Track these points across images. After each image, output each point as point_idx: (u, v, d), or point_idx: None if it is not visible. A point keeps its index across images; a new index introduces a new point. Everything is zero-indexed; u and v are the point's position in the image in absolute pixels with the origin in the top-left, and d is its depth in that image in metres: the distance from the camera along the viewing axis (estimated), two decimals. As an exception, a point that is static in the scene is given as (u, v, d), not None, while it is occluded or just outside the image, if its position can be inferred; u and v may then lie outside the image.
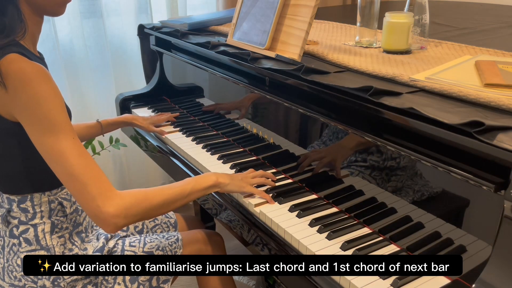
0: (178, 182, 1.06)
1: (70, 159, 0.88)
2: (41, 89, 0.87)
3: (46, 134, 0.88)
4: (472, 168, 0.80)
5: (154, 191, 0.98)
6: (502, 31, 1.60)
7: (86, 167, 0.89)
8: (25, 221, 1.02)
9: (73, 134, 0.90)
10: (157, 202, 0.97)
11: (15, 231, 1.02)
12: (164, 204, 0.98)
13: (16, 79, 0.86)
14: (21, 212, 1.02)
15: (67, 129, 0.89)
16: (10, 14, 0.91)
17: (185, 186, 1.04)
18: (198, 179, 1.08)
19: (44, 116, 0.87)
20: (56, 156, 0.88)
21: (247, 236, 1.13)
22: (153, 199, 0.96)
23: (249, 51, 1.28)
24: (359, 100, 0.97)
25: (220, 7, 2.31)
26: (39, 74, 0.87)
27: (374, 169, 1.03)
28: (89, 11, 2.09)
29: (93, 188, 0.88)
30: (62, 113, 0.89)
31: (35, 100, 0.86)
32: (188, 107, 1.80)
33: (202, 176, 1.10)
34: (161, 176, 2.42)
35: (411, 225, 0.95)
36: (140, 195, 0.95)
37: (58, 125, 0.88)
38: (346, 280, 0.87)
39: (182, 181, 1.06)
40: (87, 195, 0.88)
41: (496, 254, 0.76)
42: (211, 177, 1.10)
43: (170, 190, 1.01)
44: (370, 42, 1.35)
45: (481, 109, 0.86)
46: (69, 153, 0.88)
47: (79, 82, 2.12)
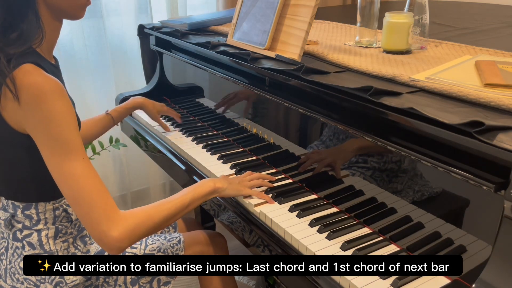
0: (176, 194, 1.05)
1: (78, 181, 0.87)
2: (55, 108, 0.85)
3: (56, 153, 0.87)
4: (472, 168, 0.80)
5: (155, 208, 0.97)
6: (502, 31, 1.60)
7: (93, 189, 0.88)
8: (29, 226, 1.02)
9: (83, 154, 0.89)
10: (159, 219, 0.96)
11: (18, 235, 1.02)
12: (166, 219, 0.98)
13: (30, 94, 0.84)
14: (25, 218, 1.02)
15: (77, 149, 0.88)
16: (28, 20, 0.90)
17: (184, 197, 1.03)
18: (196, 188, 1.07)
19: (56, 136, 0.86)
20: (64, 177, 0.88)
21: (248, 238, 1.13)
22: (155, 217, 0.95)
23: (249, 51, 1.28)
24: (359, 100, 0.97)
25: (220, 7, 2.31)
26: (54, 91, 0.86)
27: (374, 170, 1.03)
28: (89, 11, 2.07)
29: (99, 212, 0.87)
30: (74, 133, 0.88)
31: (48, 120, 0.85)
32: (188, 107, 1.80)
33: (199, 184, 1.09)
34: (161, 176, 2.42)
35: (411, 225, 0.95)
36: (143, 215, 0.94)
37: (69, 145, 0.87)
38: (346, 280, 0.87)
39: (181, 192, 1.05)
40: (92, 219, 0.88)
41: (496, 254, 0.76)
42: (209, 183, 1.10)
43: (170, 204, 1.00)
44: (370, 42, 1.35)
45: (481, 109, 0.86)
46: (78, 174, 0.87)
47: (79, 82, 2.12)
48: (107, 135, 2.16)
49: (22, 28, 0.89)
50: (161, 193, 2.44)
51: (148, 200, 2.45)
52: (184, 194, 1.04)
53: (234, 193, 1.14)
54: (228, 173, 1.30)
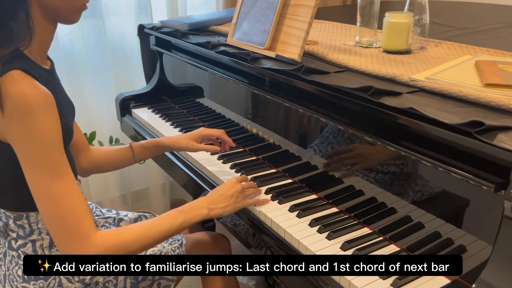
0: (164, 216, 1.00)
1: (54, 201, 0.85)
2: (40, 123, 0.82)
3: (35, 170, 0.84)
4: (472, 168, 0.80)
5: (134, 235, 0.92)
6: (502, 31, 1.60)
7: (68, 210, 0.85)
8: (23, 236, 1.00)
9: (63, 173, 0.86)
10: (134, 249, 0.92)
11: (13, 244, 1.01)
12: (143, 248, 0.94)
13: (15, 105, 0.80)
14: (18, 228, 0.99)
15: (58, 168, 0.85)
16: (18, 19, 0.85)
17: (171, 225, 0.98)
18: (186, 214, 1.02)
19: (37, 153, 0.83)
20: (40, 194, 0.85)
21: (252, 240, 1.13)
22: (132, 246, 0.91)
23: (249, 51, 1.28)
24: (359, 100, 0.97)
25: (220, 7, 2.31)
26: (40, 104, 0.82)
27: (374, 170, 1.03)
28: (89, 11, 2.06)
29: (70, 234, 0.85)
30: (56, 151, 0.85)
31: (30, 135, 0.82)
32: (188, 107, 1.80)
33: (191, 209, 1.04)
34: (161, 176, 2.42)
35: (411, 225, 0.95)
36: (118, 243, 0.90)
37: (49, 164, 0.84)
38: (346, 280, 0.87)
39: (169, 218, 0.99)
40: (64, 239, 0.86)
41: (496, 254, 0.76)
42: (202, 211, 1.04)
43: (152, 233, 0.95)
44: (370, 42, 1.35)
45: (481, 109, 0.86)
46: (54, 194, 0.84)
47: (79, 82, 2.12)
48: (107, 135, 2.17)
49: (12, 28, 0.85)
50: (161, 193, 2.44)
51: (148, 200, 2.45)
52: (172, 220, 0.99)
53: (233, 212, 1.10)
54: (228, 172, 1.30)
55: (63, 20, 0.95)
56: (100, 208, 1.27)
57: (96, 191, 2.27)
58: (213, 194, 1.10)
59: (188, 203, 1.06)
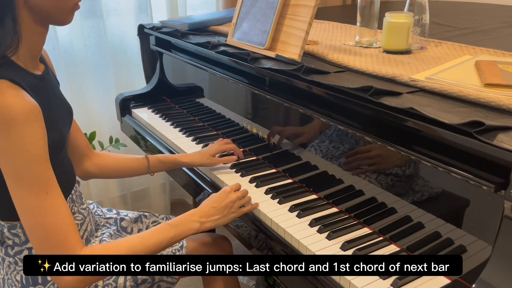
0: (154, 230, 0.97)
1: (36, 216, 0.83)
2: (23, 137, 0.79)
3: (19, 184, 0.82)
4: (472, 168, 0.80)
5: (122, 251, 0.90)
6: (502, 31, 1.60)
7: (51, 227, 0.83)
8: (19, 243, 0.99)
9: (47, 188, 0.83)
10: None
11: (9, 251, 1.00)
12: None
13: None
14: (13, 236, 0.98)
15: (42, 183, 0.83)
16: (4, 25, 0.81)
17: (160, 241, 0.95)
18: (177, 228, 0.99)
19: (21, 167, 0.81)
20: (23, 209, 0.83)
21: (253, 242, 1.12)
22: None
23: (249, 51, 1.28)
24: (359, 100, 0.97)
25: (220, 7, 2.31)
26: (24, 117, 0.78)
27: (377, 172, 1.03)
28: (89, 11, 2.09)
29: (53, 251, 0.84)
30: (41, 166, 0.83)
31: (13, 149, 0.79)
32: (188, 107, 1.80)
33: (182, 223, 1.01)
34: (161, 176, 2.42)
35: (411, 225, 0.95)
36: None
37: (33, 178, 0.82)
38: (346, 280, 0.87)
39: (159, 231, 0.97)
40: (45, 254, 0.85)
41: (496, 254, 0.76)
42: (194, 225, 1.02)
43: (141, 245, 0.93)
44: (370, 42, 1.35)
45: (481, 109, 0.86)
46: (37, 209, 0.83)
47: (79, 82, 2.12)
48: (107, 135, 2.17)
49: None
50: (161, 193, 2.44)
51: (148, 200, 2.45)
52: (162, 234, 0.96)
53: (226, 223, 1.08)
54: (228, 172, 1.30)
55: (55, 21, 0.90)
56: (101, 208, 1.27)
57: (96, 191, 2.27)
58: (205, 205, 1.07)
59: (179, 216, 1.04)
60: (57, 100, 1.00)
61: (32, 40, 0.88)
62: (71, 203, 1.04)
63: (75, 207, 1.06)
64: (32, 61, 0.92)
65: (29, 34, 0.86)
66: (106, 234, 1.16)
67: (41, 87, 0.92)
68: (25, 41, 0.86)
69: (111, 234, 1.17)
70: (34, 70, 0.93)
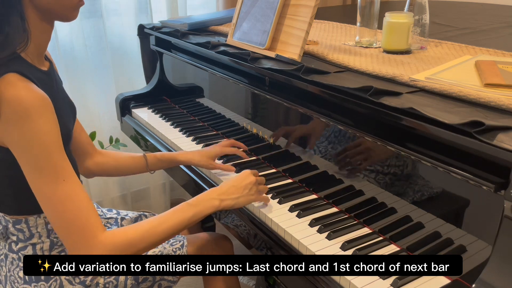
0: (173, 210, 0.97)
1: (57, 203, 0.84)
2: (37, 128, 0.81)
3: (36, 173, 0.84)
4: (472, 168, 0.80)
5: (140, 233, 0.91)
6: (502, 31, 1.60)
7: (72, 212, 0.85)
8: (23, 239, 1.00)
9: (65, 175, 0.85)
10: (142, 247, 0.91)
11: (13, 246, 1.00)
12: (152, 246, 0.93)
13: (11, 109, 0.79)
14: (18, 232, 0.99)
15: (59, 171, 0.84)
16: (13, 22, 0.84)
17: (182, 219, 0.95)
18: (197, 207, 0.98)
19: (36, 157, 0.82)
20: (43, 197, 0.85)
21: (253, 241, 1.12)
22: (139, 244, 0.90)
23: (249, 51, 1.28)
24: (359, 100, 0.97)
25: (220, 7, 2.31)
26: (37, 108, 0.81)
27: (377, 172, 1.03)
28: (89, 11, 2.09)
29: (75, 235, 0.85)
30: (56, 154, 0.84)
31: (29, 139, 0.81)
32: (188, 107, 1.80)
33: (202, 202, 1.00)
34: (161, 176, 2.42)
35: (411, 225, 0.95)
36: (126, 242, 0.89)
37: (50, 167, 0.83)
38: (346, 280, 0.87)
39: (179, 212, 0.96)
40: (69, 240, 0.86)
41: (496, 254, 0.76)
42: (214, 202, 1.01)
43: (161, 229, 0.93)
44: (370, 42, 1.35)
45: (481, 109, 0.86)
46: (57, 197, 0.84)
47: (79, 82, 2.12)
48: (107, 135, 2.17)
49: (7, 32, 0.83)
50: (161, 193, 2.44)
51: (148, 200, 2.45)
52: (181, 214, 0.96)
53: (245, 205, 1.07)
54: (228, 172, 1.30)
55: (60, 18, 0.92)
56: (101, 208, 1.27)
57: (96, 191, 2.27)
58: (225, 185, 1.06)
59: (198, 195, 1.02)
60: (63, 97, 1.02)
61: (38, 37, 0.90)
62: None
63: None
64: (39, 58, 0.94)
65: (35, 31, 0.88)
66: None
67: (47, 82, 0.94)
68: (32, 39, 0.88)
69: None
70: (41, 66, 0.95)
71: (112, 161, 1.27)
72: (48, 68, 0.98)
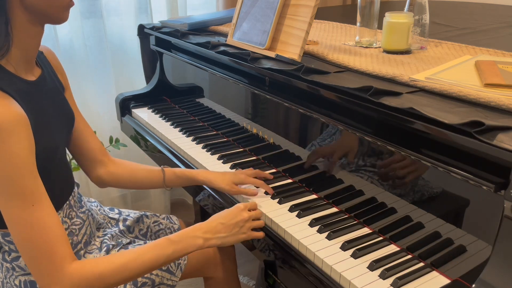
0: (151, 245, 0.91)
1: (22, 230, 0.80)
2: (7, 148, 0.76)
3: (4, 196, 0.79)
4: (472, 168, 0.80)
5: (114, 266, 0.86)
6: (502, 31, 1.60)
7: (38, 240, 0.80)
8: (15, 250, 0.97)
9: (33, 200, 0.80)
10: (115, 281, 0.86)
11: (6, 256, 0.99)
12: (125, 280, 0.88)
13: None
14: (8, 244, 0.97)
15: (27, 194, 0.79)
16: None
17: (159, 254, 0.90)
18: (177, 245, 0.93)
19: (5, 179, 0.78)
20: (10, 221, 0.81)
21: (256, 243, 1.11)
22: (110, 278, 0.85)
23: (249, 51, 1.28)
24: (359, 100, 0.97)
25: (220, 7, 2.31)
26: (9, 127, 0.76)
27: (377, 172, 1.03)
28: (89, 11, 2.09)
29: (41, 265, 0.81)
30: (27, 176, 0.79)
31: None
32: (188, 107, 1.80)
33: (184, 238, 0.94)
34: (161, 176, 2.42)
35: (411, 225, 0.95)
36: (94, 275, 0.84)
37: (17, 190, 0.79)
38: (346, 280, 0.87)
39: (156, 247, 0.91)
40: (35, 270, 0.82)
41: (496, 254, 0.76)
42: (196, 241, 0.95)
43: (134, 266, 0.87)
44: (370, 42, 1.35)
45: (481, 109, 0.86)
46: (22, 223, 0.79)
47: (79, 82, 2.12)
48: (107, 135, 2.17)
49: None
50: (161, 193, 2.44)
51: (148, 200, 2.45)
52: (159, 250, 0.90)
53: (233, 243, 1.01)
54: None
55: (51, 20, 0.87)
56: (103, 208, 1.27)
57: (96, 191, 2.27)
58: (213, 220, 1.00)
59: (181, 231, 0.97)
60: (53, 106, 0.97)
61: (26, 42, 0.85)
62: (68, 209, 1.03)
63: (73, 212, 1.05)
64: (26, 65, 0.89)
65: (23, 36, 0.84)
66: (108, 235, 1.15)
67: (32, 93, 0.88)
68: (18, 44, 0.84)
69: (112, 235, 1.16)
70: (27, 75, 0.90)
71: (128, 172, 1.20)
72: (37, 77, 0.93)
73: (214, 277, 1.26)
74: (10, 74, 0.84)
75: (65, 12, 0.87)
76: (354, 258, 0.93)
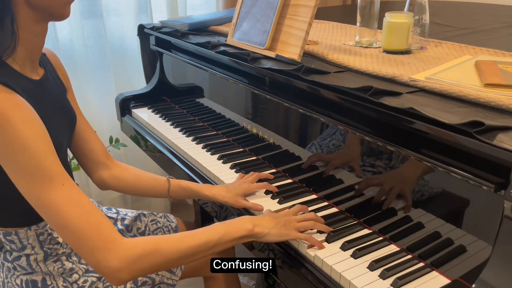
0: (203, 228, 0.91)
1: (61, 210, 0.77)
2: (21, 136, 0.75)
3: (31, 183, 0.77)
4: (472, 168, 0.80)
5: (169, 241, 0.85)
6: (502, 31, 1.60)
7: (81, 217, 0.78)
8: (17, 249, 0.97)
9: (62, 179, 0.79)
10: (170, 256, 0.83)
11: (8, 256, 0.98)
12: (180, 257, 0.85)
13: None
14: (10, 243, 0.97)
15: (53, 176, 0.78)
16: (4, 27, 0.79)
17: (211, 236, 0.89)
18: (228, 227, 0.92)
19: (26, 165, 0.76)
20: (44, 207, 0.78)
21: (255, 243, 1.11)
22: (166, 252, 0.83)
23: (249, 51, 1.28)
24: (359, 100, 0.97)
25: (220, 7, 2.31)
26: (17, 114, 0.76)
27: (377, 172, 1.03)
28: (89, 11, 2.09)
29: (90, 241, 0.78)
30: (47, 159, 0.78)
31: (15, 146, 0.75)
32: (188, 107, 1.80)
33: (235, 222, 0.94)
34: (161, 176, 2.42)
35: (411, 225, 0.95)
36: (150, 246, 0.81)
37: (42, 173, 0.77)
38: (346, 280, 0.87)
39: (209, 228, 0.91)
40: (84, 248, 0.78)
41: (496, 254, 0.76)
42: (246, 225, 0.94)
43: (190, 240, 0.86)
44: (370, 42, 1.35)
45: (481, 109, 0.86)
46: (58, 204, 0.77)
47: (79, 82, 2.12)
48: (107, 135, 2.17)
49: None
50: (161, 193, 2.44)
51: (147, 200, 2.45)
52: (212, 232, 0.90)
53: (277, 238, 0.97)
54: (228, 172, 1.30)
55: (54, 16, 0.87)
56: (101, 207, 1.27)
57: (96, 191, 2.27)
58: (262, 215, 1.03)
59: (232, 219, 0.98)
60: (56, 107, 0.97)
61: (31, 41, 0.86)
62: None
63: None
64: (31, 64, 0.90)
65: (28, 34, 0.84)
66: None
67: (36, 92, 0.89)
68: (23, 43, 0.84)
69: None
70: (32, 74, 0.90)
71: (132, 178, 1.19)
72: (41, 77, 0.93)
73: (214, 276, 1.26)
74: (16, 73, 0.84)
75: (67, 8, 0.87)
76: (354, 258, 0.93)
